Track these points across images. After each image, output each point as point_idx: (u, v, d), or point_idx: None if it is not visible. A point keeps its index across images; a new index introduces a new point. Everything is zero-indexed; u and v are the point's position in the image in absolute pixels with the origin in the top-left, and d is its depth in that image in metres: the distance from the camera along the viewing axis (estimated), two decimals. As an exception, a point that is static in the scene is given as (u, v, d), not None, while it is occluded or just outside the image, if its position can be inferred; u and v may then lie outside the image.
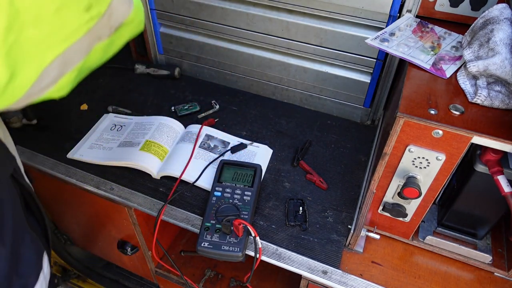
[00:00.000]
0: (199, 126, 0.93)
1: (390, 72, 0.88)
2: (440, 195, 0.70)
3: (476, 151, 0.58)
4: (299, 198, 0.80)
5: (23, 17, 0.32)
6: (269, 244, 0.72)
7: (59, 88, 0.42)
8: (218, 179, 0.79)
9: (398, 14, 0.80)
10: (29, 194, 0.60)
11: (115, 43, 0.49)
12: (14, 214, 0.53)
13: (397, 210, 0.67)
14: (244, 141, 0.91)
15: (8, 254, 0.50)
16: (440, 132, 0.53)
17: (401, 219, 0.69)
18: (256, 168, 0.80)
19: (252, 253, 0.70)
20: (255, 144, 0.91)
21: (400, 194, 0.64)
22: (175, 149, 0.88)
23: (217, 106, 1.03)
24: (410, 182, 0.60)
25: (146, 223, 0.90)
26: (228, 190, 0.76)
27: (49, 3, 0.34)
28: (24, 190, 0.59)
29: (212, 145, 0.90)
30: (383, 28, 0.77)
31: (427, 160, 0.58)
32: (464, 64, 0.61)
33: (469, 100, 0.57)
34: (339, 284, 0.68)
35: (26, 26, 0.33)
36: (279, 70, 1.01)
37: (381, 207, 0.70)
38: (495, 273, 0.69)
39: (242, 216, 0.72)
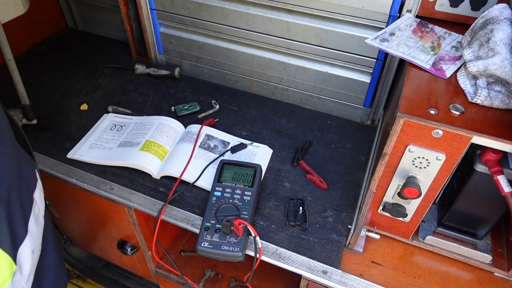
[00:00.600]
0: (199, 126, 0.93)
1: (390, 72, 0.88)
2: (440, 195, 0.70)
3: (476, 151, 0.58)
4: (299, 198, 0.80)
5: None
6: (269, 244, 0.72)
7: None
8: (218, 179, 0.79)
9: (398, 14, 0.80)
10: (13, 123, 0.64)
11: None
12: (9, 127, 0.58)
13: (397, 210, 0.67)
14: (244, 141, 0.91)
15: (11, 155, 0.54)
16: (440, 132, 0.53)
17: (401, 219, 0.69)
18: (256, 168, 0.80)
19: (252, 253, 0.70)
20: (255, 144, 0.91)
21: (400, 194, 0.64)
22: (175, 149, 0.88)
23: (217, 106, 1.03)
24: (410, 182, 0.60)
25: (146, 223, 0.90)
26: (228, 190, 0.76)
27: None
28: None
29: (212, 145, 0.90)
30: (383, 28, 0.77)
31: (427, 160, 0.58)
32: (464, 64, 0.61)
33: (469, 100, 0.57)
34: (339, 284, 0.68)
35: None
36: (279, 70, 1.01)
37: (381, 207, 0.70)
38: (495, 273, 0.69)
39: (242, 216, 0.72)
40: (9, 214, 0.50)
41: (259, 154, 0.89)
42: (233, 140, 0.92)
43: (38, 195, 0.61)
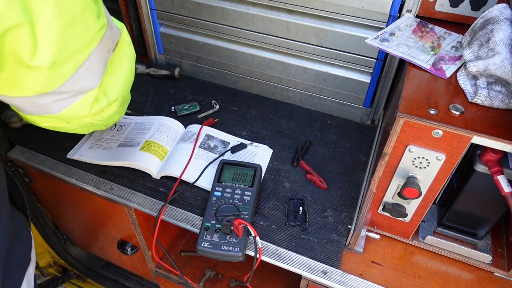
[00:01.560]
0: (199, 126, 0.93)
1: (390, 72, 0.88)
2: (440, 195, 0.70)
3: (476, 151, 0.58)
4: (299, 198, 0.80)
5: (64, 15, 0.42)
6: (269, 244, 0.72)
7: (82, 105, 0.51)
8: (218, 179, 0.79)
9: (398, 14, 0.80)
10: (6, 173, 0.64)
11: (121, 63, 0.58)
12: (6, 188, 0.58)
13: (397, 210, 0.67)
14: (244, 141, 0.91)
15: (6, 222, 0.55)
16: (440, 132, 0.53)
17: (401, 219, 0.69)
18: (256, 168, 0.80)
19: (252, 253, 0.70)
20: (255, 144, 0.91)
21: (400, 194, 0.64)
22: (175, 149, 0.88)
23: (217, 106, 1.03)
24: (410, 182, 0.60)
25: (146, 223, 0.90)
26: (228, 190, 0.76)
27: (77, 3, 0.44)
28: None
29: (212, 145, 0.90)
30: (383, 28, 0.77)
31: (427, 160, 0.58)
32: (464, 64, 0.61)
33: (469, 100, 0.57)
34: (339, 284, 0.68)
35: (67, 24, 0.43)
36: (279, 70, 1.01)
37: (381, 207, 0.70)
38: (495, 273, 0.69)
39: (242, 216, 0.72)
40: (4, 282, 0.51)
41: (259, 154, 0.89)
42: (233, 140, 0.92)
43: (33, 254, 0.61)
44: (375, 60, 0.89)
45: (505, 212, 0.63)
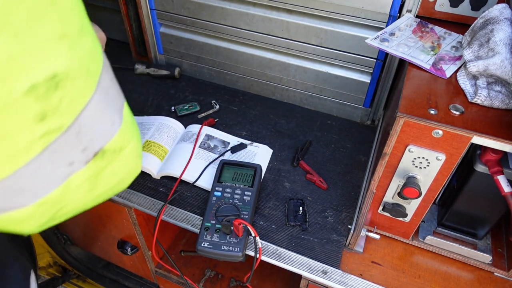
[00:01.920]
0: (199, 126, 0.93)
1: (390, 72, 0.88)
2: (440, 195, 0.70)
3: (476, 151, 0.58)
4: (299, 198, 0.80)
5: None
6: (269, 244, 0.72)
7: (19, 220, 0.34)
8: (218, 179, 0.79)
9: (398, 14, 0.80)
10: None
11: (103, 179, 0.40)
12: None
13: (397, 210, 0.67)
14: (244, 141, 0.91)
15: None
16: (440, 132, 0.53)
17: (401, 219, 0.69)
18: (256, 168, 0.80)
19: (252, 253, 0.70)
20: (255, 144, 0.91)
21: (400, 194, 0.64)
22: (175, 149, 0.88)
23: (217, 106, 1.03)
24: (410, 182, 0.60)
25: (146, 223, 0.90)
26: (228, 190, 0.76)
27: None
28: None
29: (212, 145, 0.90)
30: (383, 28, 0.77)
31: (427, 160, 0.58)
32: (464, 64, 0.61)
33: (469, 100, 0.57)
34: (339, 284, 0.68)
35: None
36: (279, 70, 1.01)
37: (381, 207, 0.70)
38: (495, 273, 0.69)
39: (242, 216, 0.72)
40: None
41: (259, 154, 0.89)
42: (233, 140, 0.92)
43: None
44: (375, 60, 0.89)
45: (505, 212, 0.63)
